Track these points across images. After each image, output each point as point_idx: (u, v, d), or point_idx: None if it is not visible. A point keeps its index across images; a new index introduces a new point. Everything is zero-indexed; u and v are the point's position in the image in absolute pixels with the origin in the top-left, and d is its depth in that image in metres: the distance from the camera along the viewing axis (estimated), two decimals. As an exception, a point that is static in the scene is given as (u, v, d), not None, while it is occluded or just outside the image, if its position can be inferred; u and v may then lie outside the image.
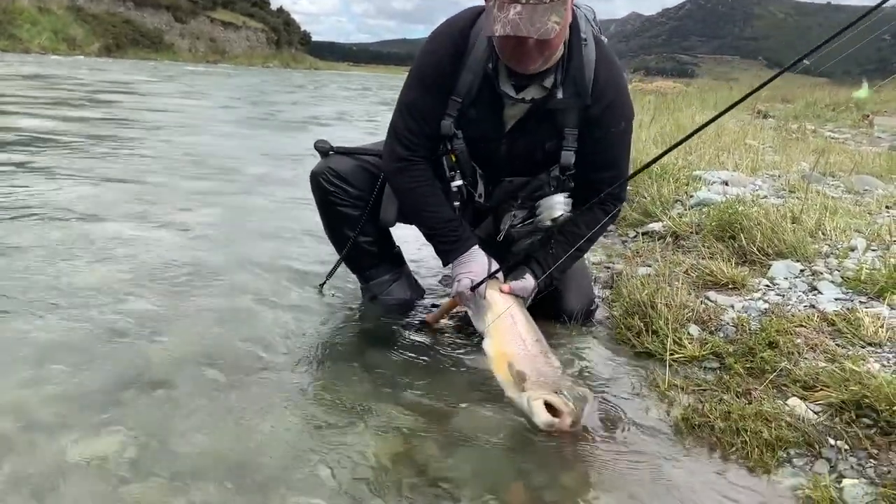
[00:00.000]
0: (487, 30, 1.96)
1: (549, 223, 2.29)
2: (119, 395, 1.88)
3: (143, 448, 1.64)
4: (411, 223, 2.53)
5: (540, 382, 1.86)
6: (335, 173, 2.54)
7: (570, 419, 1.75)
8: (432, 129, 2.26)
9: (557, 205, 2.27)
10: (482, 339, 2.15)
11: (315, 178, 2.57)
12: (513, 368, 1.93)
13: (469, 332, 2.45)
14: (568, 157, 2.23)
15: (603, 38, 2.28)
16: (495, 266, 2.28)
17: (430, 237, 2.40)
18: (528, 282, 2.26)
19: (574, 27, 2.14)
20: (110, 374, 2.00)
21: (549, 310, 2.48)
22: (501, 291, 2.20)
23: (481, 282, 2.20)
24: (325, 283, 2.86)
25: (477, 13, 2.20)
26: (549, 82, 2.13)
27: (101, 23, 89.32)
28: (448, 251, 2.32)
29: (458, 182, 2.32)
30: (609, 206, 2.32)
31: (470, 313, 2.29)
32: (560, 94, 2.14)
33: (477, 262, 2.26)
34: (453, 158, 2.29)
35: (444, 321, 2.54)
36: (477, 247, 2.31)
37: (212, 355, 2.17)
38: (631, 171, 2.42)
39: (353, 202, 2.56)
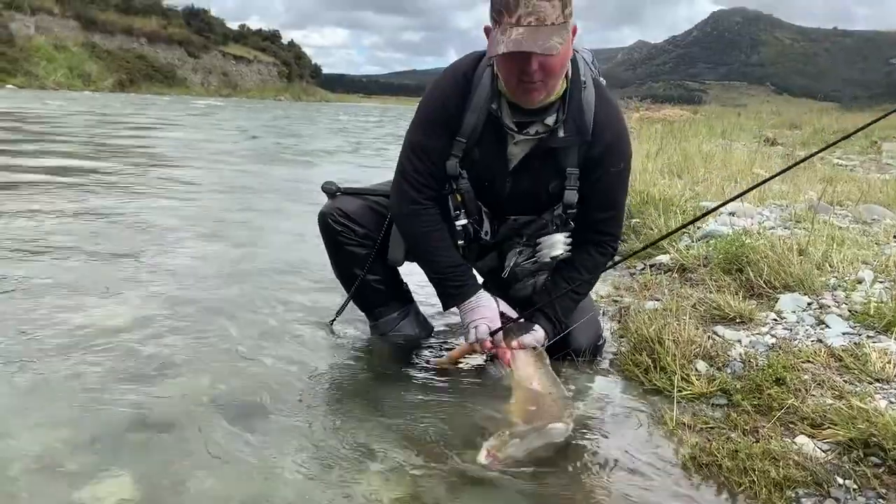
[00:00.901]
0: (491, 51, 2.01)
1: (548, 259, 2.37)
2: (128, 436, 1.90)
3: (151, 490, 1.66)
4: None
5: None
6: (343, 213, 2.58)
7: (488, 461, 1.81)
8: (439, 168, 2.31)
9: (558, 243, 2.35)
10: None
11: (323, 218, 2.62)
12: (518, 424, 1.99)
13: (477, 371, 2.47)
14: (571, 196, 2.29)
15: (601, 80, 2.35)
16: (503, 305, 2.32)
17: (435, 281, 2.43)
18: (538, 333, 2.32)
19: (574, 70, 2.20)
20: (119, 415, 2.01)
21: (557, 346, 2.50)
22: (514, 348, 2.26)
23: (498, 329, 2.25)
24: (334, 320, 2.88)
25: (479, 57, 2.27)
26: (550, 120, 2.19)
27: (115, 59, 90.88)
28: (454, 295, 2.36)
29: (463, 221, 2.35)
30: (607, 248, 2.41)
31: (491, 370, 2.37)
32: (561, 133, 2.20)
33: (487, 307, 2.30)
34: (458, 198, 2.33)
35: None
36: (482, 291, 2.35)
37: (221, 395, 2.19)
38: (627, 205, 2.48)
39: (361, 241, 2.60)
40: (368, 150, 14.87)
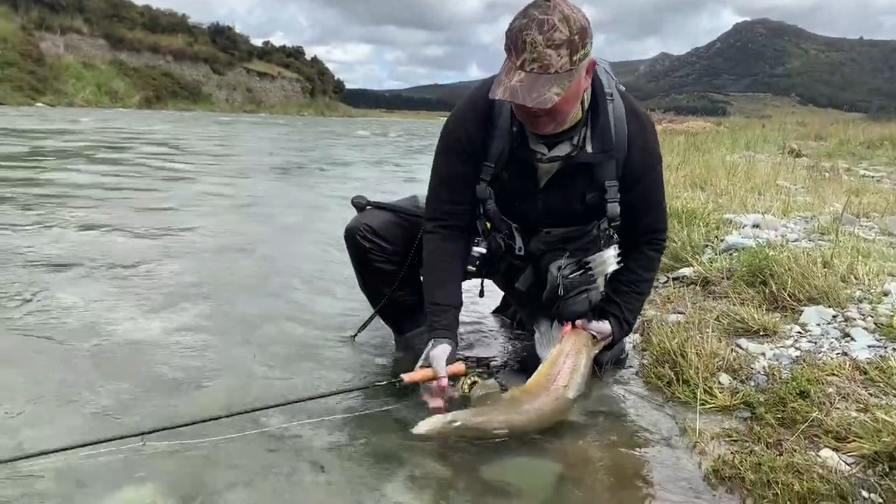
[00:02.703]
0: (492, 91, 1.98)
1: (603, 277, 2.41)
2: (156, 448, 1.92)
3: (177, 501, 1.69)
4: None
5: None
6: (371, 229, 2.59)
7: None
8: (468, 194, 2.33)
9: (610, 259, 2.36)
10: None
11: (350, 233, 2.62)
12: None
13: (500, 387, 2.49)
14: (613, 208, 2.29)
15: (621, 87, 2.35)
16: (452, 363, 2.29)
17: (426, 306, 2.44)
18: (604, 325, 2.40)
19: (598, 85, 2.20)
20: (144, 426, 2.01)
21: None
22: (575, 327, 2.36)
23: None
24: (356, 335, 2.91)
25: None
26: (577, 140, 2.20)
27: (142, 76, 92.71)
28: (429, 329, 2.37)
29: (482, 249, 2.37)
30: (659, 244, 2.49)
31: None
32: (589, 148, 2.20)
33: (441, 350, 2.27)
34: (488, 224, 2.37)
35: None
36: (448, 341, 2.31)
37: (245, 407, 2.22)
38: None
39: (390, 258, 2.61)
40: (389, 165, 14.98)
